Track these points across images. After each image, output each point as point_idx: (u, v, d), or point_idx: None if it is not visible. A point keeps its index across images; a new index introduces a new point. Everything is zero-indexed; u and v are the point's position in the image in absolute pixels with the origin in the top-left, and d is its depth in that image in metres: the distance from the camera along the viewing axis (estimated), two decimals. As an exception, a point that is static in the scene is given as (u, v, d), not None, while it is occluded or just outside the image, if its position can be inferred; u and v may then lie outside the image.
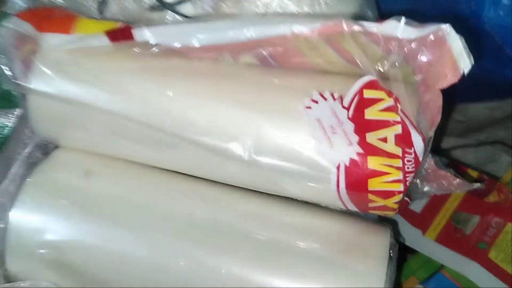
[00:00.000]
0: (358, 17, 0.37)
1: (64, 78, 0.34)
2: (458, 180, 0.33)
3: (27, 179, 0.36)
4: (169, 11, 0.40)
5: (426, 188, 0.34)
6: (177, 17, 0.40)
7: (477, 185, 0.35)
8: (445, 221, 0.47)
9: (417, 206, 0.46)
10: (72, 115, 0.35)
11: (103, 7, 0.40)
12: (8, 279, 0.37)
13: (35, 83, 0.34)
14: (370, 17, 0.37)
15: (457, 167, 0.48)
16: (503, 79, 0.43)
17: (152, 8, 0.40)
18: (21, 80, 0.35)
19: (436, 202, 0.47)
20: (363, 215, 0.37)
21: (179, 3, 0.40)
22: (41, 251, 0.35)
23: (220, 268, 0.33)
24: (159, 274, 0.34)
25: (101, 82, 0.34)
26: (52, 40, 0.34)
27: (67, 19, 0.34)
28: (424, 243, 0.45)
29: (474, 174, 0.50)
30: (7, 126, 0.39)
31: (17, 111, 0.40)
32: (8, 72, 0.35)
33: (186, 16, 0.39)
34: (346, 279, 0.32)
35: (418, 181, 0.34)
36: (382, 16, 0.39)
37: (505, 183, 0.48)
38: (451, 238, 0.45)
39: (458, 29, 0.27)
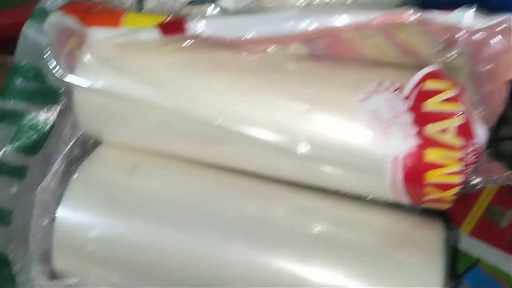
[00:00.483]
0: (402, 4, 0.37)
1: (111, 72, 0.34)
2: (509, 172, 0.33)
3: (73, 176, 0.36)
4: (210, 4, 0.40)
5: (475, 181, 0.34)
6: (218, 11, 0.39)
7: (526, 177, 0.34)
8: (479, 215, 0.47)
9: (451, 199, 0.46)
10: (118, 110, 0.35)
11: (141, 2, 0.40)
12: (55, 276, 0.36)
13: (82, 78, 0.34)
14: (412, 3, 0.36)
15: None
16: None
17: (191, 2, 0.40)
18: (67, 76, 0.34)
19: (471, 196, 0.47)
20: (408, 208, 0.36)
21: (218, -4, 0.39)
22: (88, 247, 0.35)
23: (273, 264, 0.33)
24: (209, 270, 0.34)
25: (149, 76, 0.34)
26: (99, 34, 0.34)
27: (114, 13, 0.34)
28: (459, 237, 0.45)
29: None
30: (48, 122, 0.39)
31: (58, 107, 0.40)
32: (54, 68, 0.35)
33: (227, 10, 0.39)
34: (402, 275, 0.32)
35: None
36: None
37: (541, 178, 0.48)
38: (486, 231, 0.45)
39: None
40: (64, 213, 0.35)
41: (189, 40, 0.32)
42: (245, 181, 0.36)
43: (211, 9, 0.39)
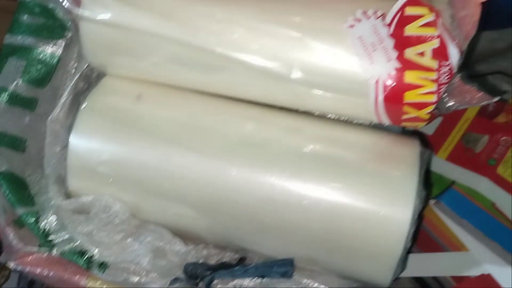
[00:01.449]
0: None
1: (117, 4, 0.36)
2: (481, 93, 0.36)
3: (82, 106, 0.39)
4: None
5: (450, 103, 0.37)
6: None
7: (496, 98, 0.38)
8: (456, 141, 0.50)
9: (430, 128, 0.48)
10: (123, 41, 0.37)
11: None
12: (70, 196, 0.40)
13: (88, 10, 0.36)
14: None
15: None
16: (503, 7, 0.44)
17: None
18: (74, 8, 0.36)
19: (447, 124, 0.49)
20: (388, 129, 0.40)
21: None
22: (100, 169, 0.38)
23: (267, 179, 0.36)
24: (211, 185, 0.37)
25: (153, 7, 0.35)
26: (104, -33, 0.35)
27: None
28: (436, 162, 0.48)
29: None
30: (55, 56, 0.41)
31: (64, 41, 0.42)
32: (61, 2, 0.36)
33: None
34: (383, 184, 0.35)
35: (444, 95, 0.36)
36: None
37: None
38: (461, 156, 0.48)
39: None
40: (76, 139, 0.38)
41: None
42: (242, 106, 0.39)
43: None
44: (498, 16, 0.46)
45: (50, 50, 0.41)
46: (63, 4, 0.36)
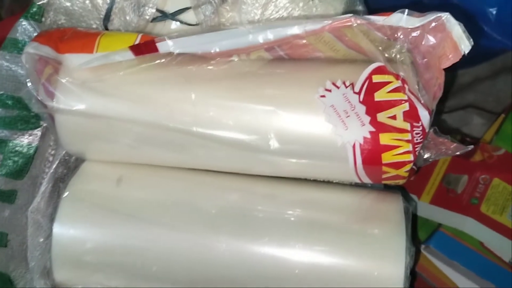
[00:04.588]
0: (349, 11, 0.41)
1: (90, 94, 0.36)
2: (455, 144, 0.37)
3: (64, 194, 0.38)
4: (172, 21, 0.42)
5: (426, 155, 0.38)
6: (180, 25, 0.42)
7: (471, 146, 0.39)
8: (437, 184, 0.51)
9: (410, 174, 0.50)
10: (99, 129, 0.37)
11: (107, 23, 0.42)
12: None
13: (63, 103, 0.36)
14: (361, 10, 0.41)
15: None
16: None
17: (154, 19, 0.42)
18: (48, 102, 0.36)
19: (427, 168, 0.50)
20: (370, 186, 0.40)
21: (180, 11, 0.42)
22: (86, 258, 0.38)
23: (256, 250, 0.36)
24: (200, 263, 0.37)
25: (127, 94, 0.36)
26: (75, 60, 0.36)
27: (88, 39, 0.36)
28: (420, 206, 0.48)
29: (457, 138, 0.54)
30: (32, 146, 0.41)
31: (40, 130, 0.42)
32: (34, 95, 0.37)
33: (189, 24, 0.42)
34: (370, 245, 0.36)
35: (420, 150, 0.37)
36: (369, 9, 0.43)
37: (487, 143, 0.53)
38: (444, 198, 0.48)
39: (431, 7, 0.31)
40: (59, 229, 0.38)
41: (162, 59, 0.34)
42: (221, 178, 0.39)
43: (173, 25, 0.42)
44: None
45: (26, 140, 0.41)
46: (37, 97, 0.36)
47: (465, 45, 0.30)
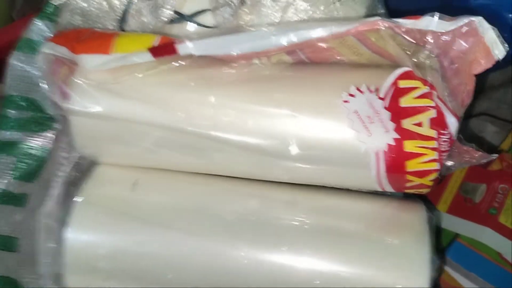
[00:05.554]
0: (371, 14, 0.40)
1: (107, 96, 0.35)
2: (480, 153, 0.36)
3: (78, 199, 0.37)
4: (189, 23, 0.41)
5: (450, 163, 0.37)
6: (198, 27, 0.41)
7: (495, 155, 0.38)
8: (454, 193, 0.50)
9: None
10: (115, 131, 0.37)
11: (123, 24, 0.42)
12: (69, 295, 0.38)
13: (78, 104, 0.36)
14: (382, 13, 0.40)
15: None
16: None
17: (171, 21, 0.41)
18: (63, 103, 0.36)
19: (444, 177, 0.50)
20: (390, 194, 0.39)
21: (198, 13, 0.41)
22: (99, 264, 0.37)
23: (276, 259, 0.35)
24: (217, 271, 0.36)
25: (144, 96, 0.35)
26: (91, 61, 0.35)
27: (104, 39, 0.36)
28: (437, 216, 0.48)
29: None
30: (45, 149, 0.40)
31: (52, 133, 0.41)
32: (50, 97, 0.36)
33: (207, 26, 0.41)
34: (392, 257, 0.35)
35: (445, 158, 0.36)
36: (389, 11, 0.42)
37: (505, 151, 0.52)
38: (462, 208, 0.47)
39: (448, 11, 0.30)
40: (72, 235, 0.37)
41: (181, 61, 0.34)
42: (240, 184, 0.38)
43: (191, 27, 0.41)
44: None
45: (40, 143, 0.40)
46: (51, 98, 0.35)
47: (499, 50, 0.29)
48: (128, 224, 0.37)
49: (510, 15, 0.43)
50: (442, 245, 0.45)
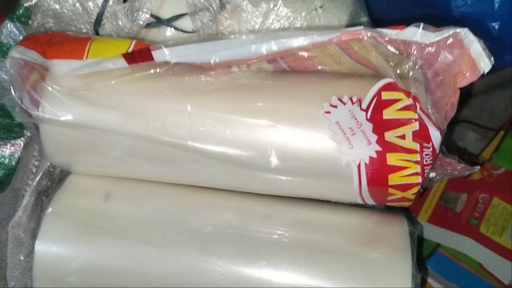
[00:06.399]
0: (353, 21, 0.39)
1: (79, 104, 0.34)
2: (462, 165, 0.35)
3: (48, 210, 0.36)
4: (167, 27, 0.40)
5: (432, 175, 0.37)
6: (176, 32, 0.40)
7: (477, 167, 0.37)
8: (435, 202, 0.50)
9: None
10: (87, 140, 0.35)
11: (98, 27, 0.40)
12: (38, 310, 0.36)
13: (49, 112, 0.34)
14: (365, 21, 0.39)
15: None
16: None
17: (148, 25, 0.40)
18: (33, 110, 0.34)
19: (426, 189, 0.50)
20: (371, 206, 0.39)
21: (176, 18, 0.40)
22: (70, 279, 0.35)
23: (252, 273, 0.34)
24: (192, 285, 0.35)
25: (118, 104, 0.34)
26: (64, 67, 0.34)
27: (79, 44, 0.34)
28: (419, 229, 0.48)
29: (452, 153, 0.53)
30: (15, 157, 0.39)
31: (23, 141, 0.39)
32: (18, 103, 0.34)
33: (185, 31, 0.40)
34: (373, 271, 0.34)
35: (427, 172, 0.36)
36: (372, 19, 0.41)
37: (487, 160, 0.52)
38: (443, 217, 0.48)
39: (432, 20, 0.30)
40: (42, 247, 0.35)
41: (157, 68, 0.32)
42: (215, 196, 0.37)
43: (167, 32, 0.40)
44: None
45: (9, 151, 0.39)
46: (20, 105, 0.33)
47: (485, 64, 0.28)
48: (100, 237, 0.36)
49: (493, 24, 0.43)
50: (422, 255, 0.44)
